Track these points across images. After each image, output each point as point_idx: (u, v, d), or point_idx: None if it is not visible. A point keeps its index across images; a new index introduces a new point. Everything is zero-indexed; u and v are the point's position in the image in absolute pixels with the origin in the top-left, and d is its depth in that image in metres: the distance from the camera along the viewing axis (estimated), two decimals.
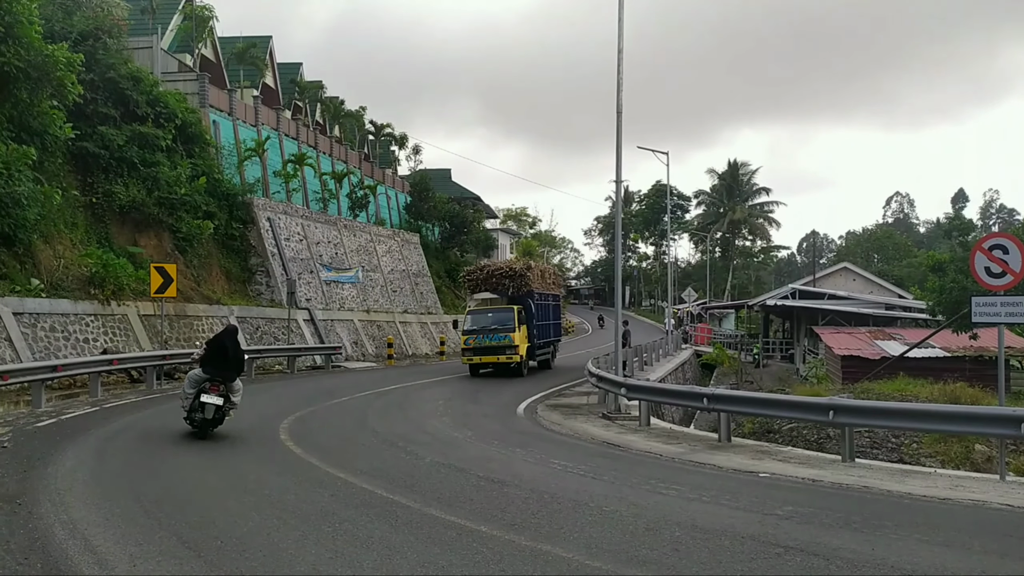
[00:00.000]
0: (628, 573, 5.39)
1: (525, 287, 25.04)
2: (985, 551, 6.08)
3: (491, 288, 25.74)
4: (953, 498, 8.15)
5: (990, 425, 9.68)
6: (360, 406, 16.45)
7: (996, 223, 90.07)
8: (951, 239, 33.59)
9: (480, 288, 26.29)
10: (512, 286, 25.13)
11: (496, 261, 33.54)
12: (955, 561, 5.76)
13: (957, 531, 6.72)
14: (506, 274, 25.42)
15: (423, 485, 8.61)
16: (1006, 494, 8.31)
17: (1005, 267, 10.31)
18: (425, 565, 5.53)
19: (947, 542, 6.35)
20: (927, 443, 13.99)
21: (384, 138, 55.22)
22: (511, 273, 25.37)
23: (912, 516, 7.32)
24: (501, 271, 25.71)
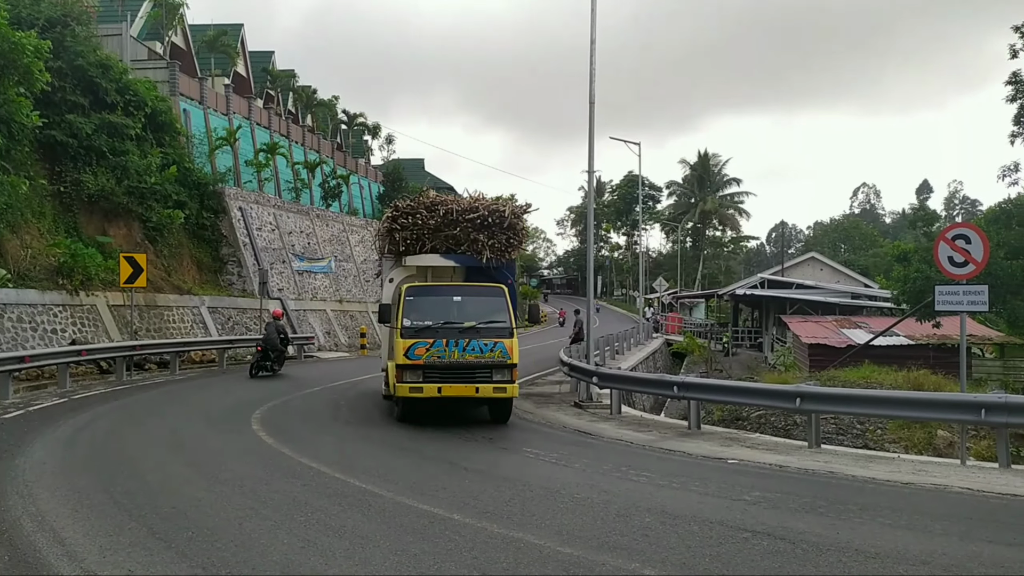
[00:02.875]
0: (599, 559, 5.46)
1: (512, 248, 13.70)
2: (946, 533, 6.26)
3: (446, 246, 13.46)
4: (916, 482, 8.37)
5: (952, 411, 9.95)
6: (333, 396, 16.38)
7: (959, 214, 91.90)
8: (916, 229, 34.32)
9: (422, 243, 13.58)
10: (490, 245, 13.31)
11: (457, 197, 15.83)
12: (917, 544, 5.92)
13: (919, 514, 6.91)
14: (482, 220, 13.39)
15: (396, 474, 8.63)
16: (967, 478, 8.55)
17: (967, 256, 10.55)
18: (397, 553, 5.55)
19: (909, 525, 6.53)
20: (891, 429, 14.31)
21: (357, 127, 55.03)
22: (492, 219, 13.44)
23: (876, 500, 7.51)
24: (473, 215, 13.44)
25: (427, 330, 11.61)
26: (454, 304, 12.31)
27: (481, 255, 13.25)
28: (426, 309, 11.99)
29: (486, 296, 12.47)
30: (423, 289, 12.57)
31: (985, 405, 9.16)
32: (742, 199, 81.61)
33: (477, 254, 13.26)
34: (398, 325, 11.74)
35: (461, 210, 13.38)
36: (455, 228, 13.25)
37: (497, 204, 13.96)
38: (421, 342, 11.50)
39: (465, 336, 11.61)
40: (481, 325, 11.76)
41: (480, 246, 13.26)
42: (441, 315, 11.97)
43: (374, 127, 56.41)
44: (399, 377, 11.55)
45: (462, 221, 13.33)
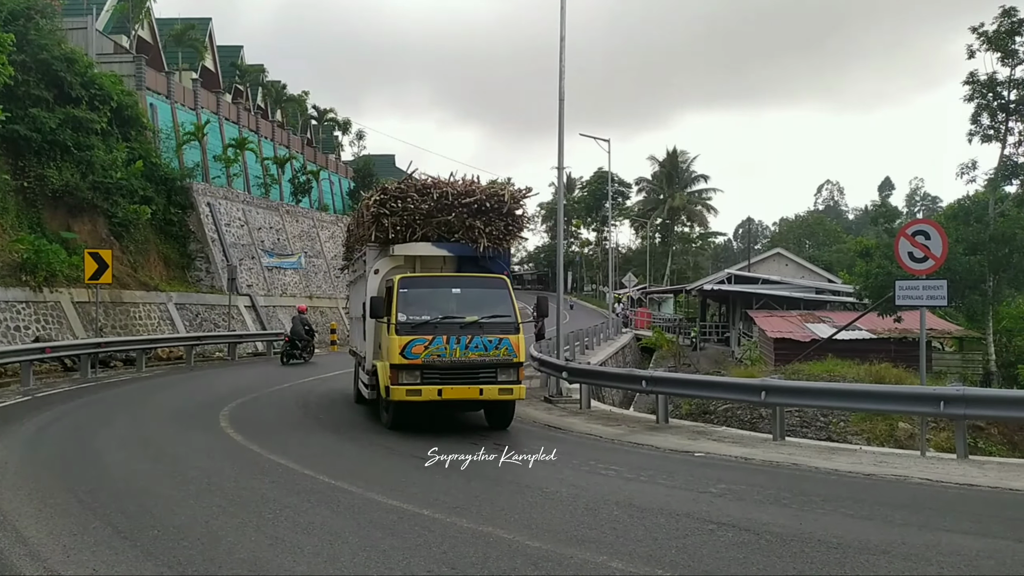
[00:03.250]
0: (567, 552, 5.51)
1: (510, 236, 12.36)
2: (906, 523, 6.42)
3: (438, 233, 11.92)
4: (877, 474, 8.57)
5: (912, 404, 10.21)
6: (302, 392, 16.27)
7: (920, 210, 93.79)
8: (877, 226, 34.96)
9: (412, 230, 11.92)
10: (487, 232, 11.92)
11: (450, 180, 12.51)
12: (878, 533, 6.07)
13: (880, 505, 7.08)
14: (479, 206, 11.92)
15: (366, 470, 8.63)
16: (926, 469, 8.77)
17: (927, 252, 10.80)
18: (367, 549, 5.55)
19: (871, 515, 6.69)
20: (854, 421, 14.61)
21: (327, 123, 54.80)
22: (490, 204, 11.98)
23: (838, 491, 7.67)
24: (469, 199, 11.94)
25: (425, 326, 10.48)
26: (453, 297, 11.13)
27: (477, 243, 11.80)
28: (422, 303, 10.83)
29: (487, 288, 11.32)
30: (418, 280, 11.26)
31: (944, 397, 9.39)
32: (710, 195, 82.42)
33: (472, 242, 11.82)
34: (392, 320, 10.48)
35: (456, 194, 11.89)
36: (449, 214, 11.77)
37: (495, 188, 12.41)
38: (418, 339, 10.35)
39: (467, 332, 10.47)
40: (484, 320, 10.65)
41: (476, 234, 11.80)
42: (439, 309, 10.79)
43: (344, 123, 56.34)
44: (394, 379, 10.32)
45: (457, 206, 11.82)
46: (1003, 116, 24.10)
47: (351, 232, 15.15)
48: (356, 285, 14.39)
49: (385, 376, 10.71)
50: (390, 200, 11.93)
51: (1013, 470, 8.76)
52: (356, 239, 14.06)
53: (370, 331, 11.72)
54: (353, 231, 14.72)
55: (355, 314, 15.01)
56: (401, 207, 11.81)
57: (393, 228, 11.83)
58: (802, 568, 5.17)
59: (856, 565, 5.23)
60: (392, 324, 10.50)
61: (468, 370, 10.51)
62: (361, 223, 13.04)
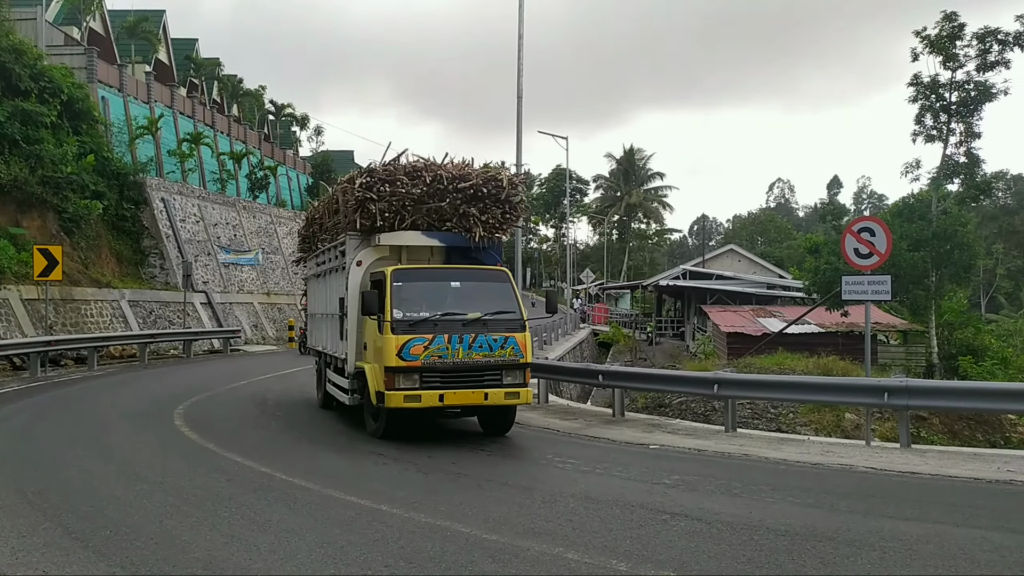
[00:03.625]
0: (524, 544, 5.59)
1: (506, 225, 11.41)
2: (851, 511, 6.65)
3: (428, 221, 10.87)
4: (824, 463, 8.84)
5: (858, 395, 10.53)
6: (260, 390, 16.09)
7: (867, 208, 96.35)
8: (826, 223, 35.82)
9: (400, 218, 10.79)
10: (483, 221, 10.93)
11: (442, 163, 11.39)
12: (824, 520, 6.28)
13: (827, 493, 7.32)
14: (475, 191, 10.90)
15: (323, 467, 8.60)
16: (871, 458, 9.08)
17: (872, 248, 11.14)
18: (324, 546, 5.55)
19: (817, 503, 6.91)
20: (803, 413, 15.01)
21: (285, 118, 54.31)
22: (487, 190, 10.98)
23: (787, 481, 7.91)
24: (465, 184, 10.89)
25: (423, 324, 9.51)
26: (452, 291, 10.20)
27: (471, 233, 10.78)
28: (418, 298, 9.88)
29: (489, 281, 10.46)
30: (413, 273, 10.26)
31: (888, 389, 9.73)
32: (665, 193, 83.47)
33: (466, 232, 10.80)
34: (387, 318, 9.47)
35: (451, 178, 10.81)
36: (442, 200, 10.71)
37: (492, 172, 11.34)
38: (417, 338, 9.37)
39: (470, 331, 9.56)
40: (488, 317, 9.76)
41: (471, 222, 10.78)
42: (438, 305, 9.85)
43: (302, 118, 55.93)
44: (389, 383, 9.35)
45: (451, 191, 10.76)
46: (945, 117, 24.89)
47: (314, 221, 14.11)
48: (324, 279, 12.83)
49: (377, 380, 9.60)
50: (378, 184, 10.72)
51: (952, 458, 9.11)
52: (326, 228, 12.86)
53: (352, 329, 10.52)
54: (318, 220, 13.58)
55: (318, 311, 13.56)
56: (390, 192, 10.66)
57: (381, 215, 10.62)
58: (751, 555, 5.33)
59: (803, 552, 5.41)
60: (386, 322, 9.45)
61: (472, 372, 9.57)
62: (337, 210, 11.94)
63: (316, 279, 13.81)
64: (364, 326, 10.23)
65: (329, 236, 12.57)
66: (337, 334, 11.49)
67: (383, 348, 9.47)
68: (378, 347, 9.62)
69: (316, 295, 13.94)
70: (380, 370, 9.53)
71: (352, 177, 11.49)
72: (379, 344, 9.58)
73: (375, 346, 9.76)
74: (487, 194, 10.93)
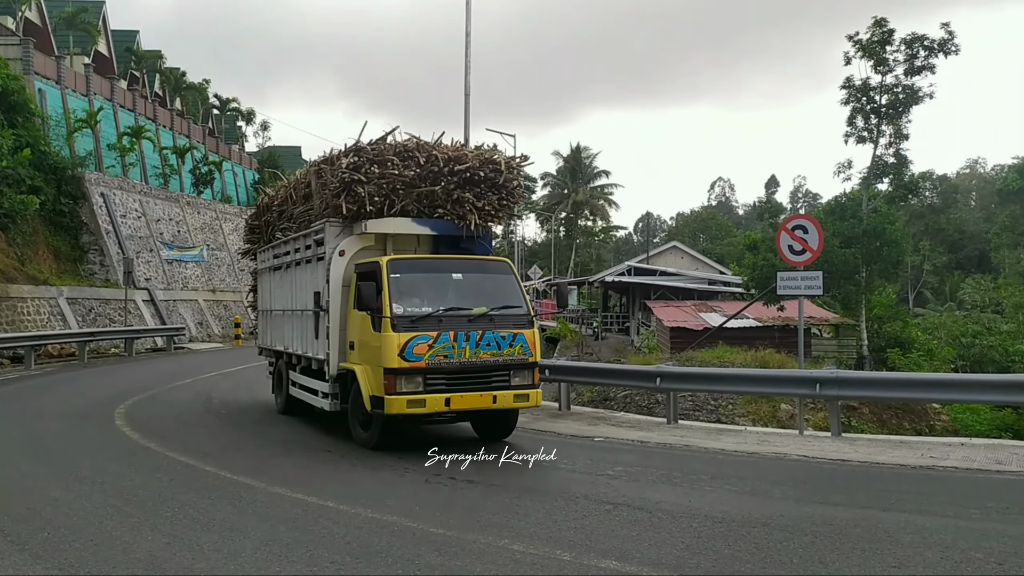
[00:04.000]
0: (470, 537, 5.67)
1: (502, 212, 10.52)
2: (784, 497, 6.94)
3: (418, 207, 10.01)
4: (760, 452, 9.17)
5: (791, 386, 10.96)
6: (204, 388, 15.81)
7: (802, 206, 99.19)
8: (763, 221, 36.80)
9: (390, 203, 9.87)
10: (478, 208, 10.11)
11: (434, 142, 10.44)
12: (758, 507, 6.54)
13: (762, 481, 7.61)
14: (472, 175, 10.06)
15: (269, 465, 8.52)
16: (804, 446, 9.45)
17: (805, 245, 11.56)
18: (269, 543, 5.54)
19: (753, 491, 7.19)
20: (741, 404, 15.43)
21: (230, 113, 53.26)
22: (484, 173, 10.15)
23: (724, 470, 8.19)
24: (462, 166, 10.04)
25: (427, 320, 8.68)
26: (454, 284, 9.37)
27: (466, 220, 9.90)
28: (418, 291, 9.09)
29: (491, 273, 9.72)
30: (411, 264, 9.37)
31: (819, 380, 10.15)
32: (612, 190, 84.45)
33: (459, 219, 9.92)
34: (387, 313, 8.59)
35: (447, 159, 9.95)
36: (436, 183, 9.84)
37: (489, 154, 10.47)
38: (421, 336, 8.53)
39: (476, 327, 8.80)
40: (495, 312, 9.03)
41: (466, 208, 9.91)
42: (438, 299, 9.05)
43: (248, 112, 55.02)
44: (390, 387, 8.46)
45: (447, 174, 9.88)
46: (876, 119, 25.83)
47: (269, 209, 12.96)
48: (287, 272, 11.69)
49: (372, 383, 8.73)
50: (367, 165, 9.70)
51: (880, 446, 9.55)
52: (291, 216, 11.78)
53: (334, 327, 9.60)
54: (277, 208, 12.53)
55: (278, 307, 12.37)
56: (379, 173, 9.69)
57: (370, 199, 9.59)
58: (689, 542, 5.53)
59: (738, 537, 5.63)
60: (386, 318, 8.57)
61: (479, 373, 8.80)
62: (308, 195, 10.97)
63: (273, 272, 12.60)
64: (350, 323, 9.42)
65: (296, 224, 11.49)
66: (310, 332, 10.47)
67: (381, 347, 8.56)
68: (373, 346, 8.74)
69: (275, 290, 12.59)
70: (376, 372, 8.64)
71: (332, 157, 10.33)
72: (375, 343, 8.70)
73: (368, 345, 8.88)
74: (483, 178, 10.05)
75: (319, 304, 9.89)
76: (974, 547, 5.28)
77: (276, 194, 12.93)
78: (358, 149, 9.99)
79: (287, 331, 11.83)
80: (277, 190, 13.07)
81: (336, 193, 9.74)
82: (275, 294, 12.60)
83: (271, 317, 12.99)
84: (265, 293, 13.44)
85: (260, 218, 13.61)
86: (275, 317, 12.69)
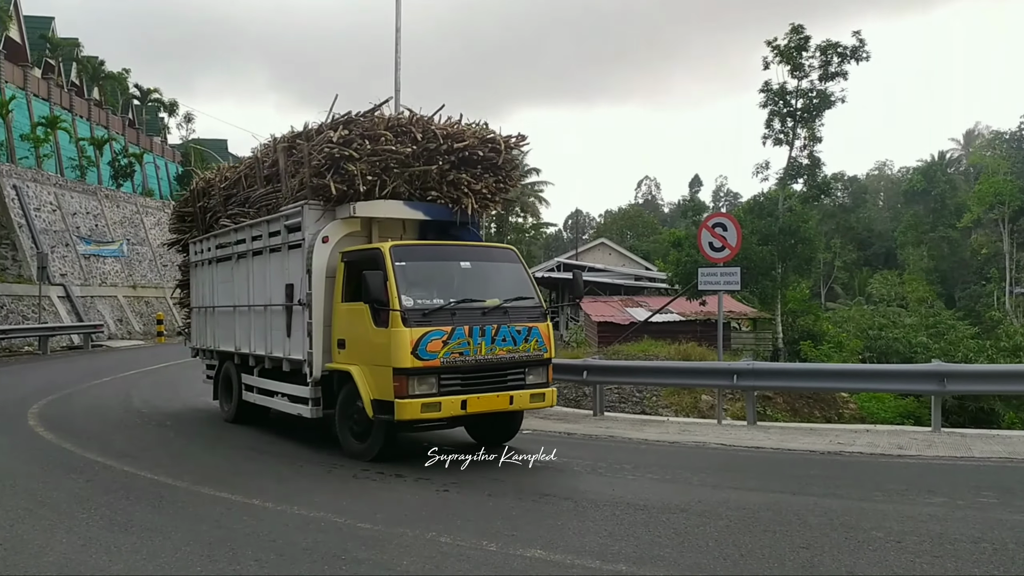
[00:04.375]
0: (397, 531, 5.70)
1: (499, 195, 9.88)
2: (703, 484, 7.22)
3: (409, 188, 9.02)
4: (680, 441, 9.50)
5: (711, 378, 11.40)
6: (124, 386, 15.28)
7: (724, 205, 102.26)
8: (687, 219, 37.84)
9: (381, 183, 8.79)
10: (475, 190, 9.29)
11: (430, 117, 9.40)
12: (678, 494, 6.78)
13: (682, 469, 7.89)
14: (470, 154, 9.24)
15: (192, 463, 8.34)
16: (722, 435, 9.83)
17: (724, 242, 11.99)
18: (191, 543, 5.44)
19: (673, 479, 7.45)
20: (665, 395, 15.87)
21: (152, 103, 51.37)
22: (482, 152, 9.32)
23: (647, 459, 8.45)
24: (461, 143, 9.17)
25: (439, 313, 7.81)
26: (461, 273, 8.46)
27: (461, 204, 9.02)
28: (427, 281, 8.20)
29: (498, 261, 8.95)
30: (416, 251, 8.46)
31: (737, 371, 10.58)
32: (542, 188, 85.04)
33: (453, 203, 9.03)
34: (395, 306, 7.65)
35: (445, 136, 9.01)
36: (432, 162, 8.89)
37: (487, 131, 9.52)
38: (435, 332, 7.66)
39: (490, 321, 8.01)
40: (508, 304, 8.27)
41: (462, 190, 9.04)
42: (446, 290, 8.18)
43: (171, 104, 53.23)
44: (401, 389, 7.54)
45: (444, 152, 8.96)
46: (791, 122, 26.90)
47: (208, 194, 11.78)
48: (242, 263, 10.55)
49: (376, 386, 7.80)
50: (358, 140, 8.69)
51: (792, 433, 10.02)
52: (246, 201, 10.53)
53: (317, 322, 8.56)
54: (224, 191, 11.21)
55: (226, 302, 11.12)
56: (370, 150, 8.67)
57: (363, 178, 8.53)
58: (612, 529, 5.71)
59: (658, 523, 5.84)
60: (395, 311, 7.62)
61: (495, 372, 8.04)
62: (273, 176, 9.90)
63: (217, 264, 11.37)
64: (336, 318, 8.48)
65: (254, 209, 10.28)
66: (277, 330, 9.45)
67: (389, 345, 7.60)
68: (376, 343, 7.80)
69: (220, 284, 11.35)
70: (380, 373, 7.72)
71: (309, 131, 9.26)
72: (378, 340, 7.76)
73: (368, 343, 7.93)
74: (482, 158, 9.20)
75: (293, 298, 8.94)
76: (876, 527, 5.63)
77: (218, 177, 11.72)
78: (349, 121, 8.94)
79: (240, 330, 10.63)
80: (220, 172, 11.88)
81: (318, 171, 8.72)
82: (220, 289, 11.37)
83: (214, 315, 11.63)
84: (203, 288, 12.08)
85: (194, 204, 12.22)
86: (220, 314, 11.37)
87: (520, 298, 8.41)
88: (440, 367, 7.66)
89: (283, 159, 9.57)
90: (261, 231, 9.93)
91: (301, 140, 9.27)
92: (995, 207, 49.52)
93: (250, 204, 10.44)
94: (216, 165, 13.06)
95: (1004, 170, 52.63)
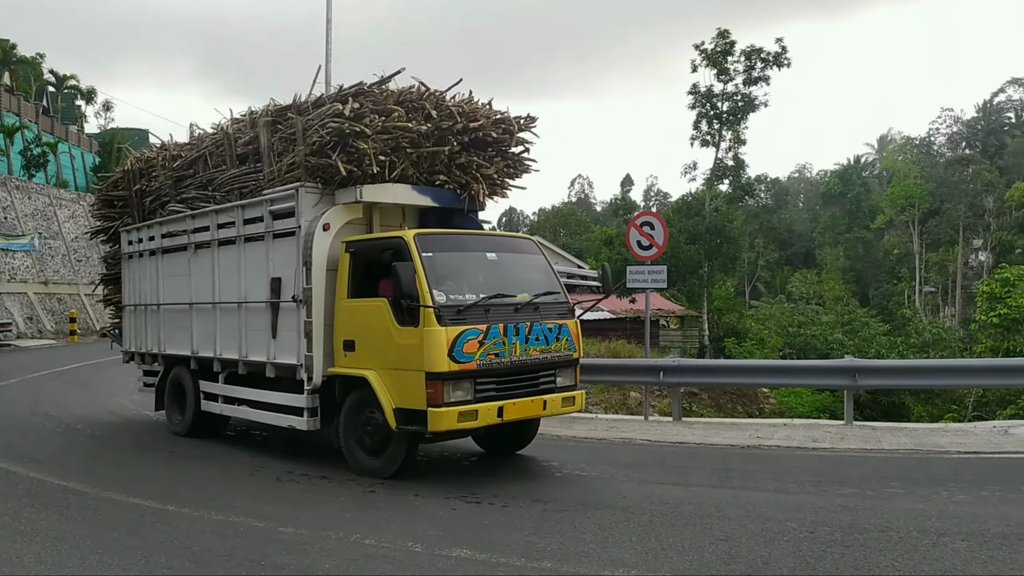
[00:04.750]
0: (320, 534, 5.59)
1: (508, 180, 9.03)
2: (628, 480, 7.34)
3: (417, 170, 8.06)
4: (608, 437, 9.64)
5: (638, 374, 11.60)
6: (32, 388, 14.55)
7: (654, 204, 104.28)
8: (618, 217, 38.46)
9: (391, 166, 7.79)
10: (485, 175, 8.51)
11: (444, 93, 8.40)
12: (603, 491, 6.88)
13: (608, 465, 7.99)
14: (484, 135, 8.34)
15: (104, 469, 7.99)
16: (648, 431, 10.02)
17: (652, 241, 12.20)
18: (100, 551, 5.22)
19: (600, 476, 7.54)
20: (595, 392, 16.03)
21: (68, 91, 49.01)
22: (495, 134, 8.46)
23: (575, 456, 8.52)
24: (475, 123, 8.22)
25: (474, 310, 6.97)
26: (487, 266, 7.71)
27: (470, 190, 8.30)
28: (455, 275, 7.38)
29: (521, 253, 8.17)
30: (441, 240, 7.50)
31: (663, 368, 10.80)
32: None
33: (461, 188, 8.29)
34: (427, 302, 6.76)
35: (462, 114, 8.13)
36: (443, 143, 8.02)
37: (497, 112, 8.63)
38: (470, 331, 6.83)
39: (523, 318, 7.26)
40: (538, 299, 7.57)
41: (471, 175, 8.29)
42: (472, 284, 7.39)
43: (88, 91, 51.01)
44: (436, 397, 6.67)
45: (458, 132, 8.06)
46: (718, 124, 27.67)
47: (150, 175, 10.44)
48: (204, 253, 9.35)
49: (401, 394, 6.93)
50: (370, 115, 7.69)
51: (715, 428, 10.29)
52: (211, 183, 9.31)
53: (318, 321, 7.62)
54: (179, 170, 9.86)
55: (180, 299, 9.79)
56: (382, 127, 7.68)
57: (375, 159, 7.58)
58: (536, 526, 5.73)
59: (582, 520, 5.90)
60: (428, 307, 6.74)
61: (529, 374, 7.31)
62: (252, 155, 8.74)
63: (163, 256, 10.11)
64: (339, 316, 7.57)
65: (223, 193, 9.10)
66: (259, 331, 8.42)
67: (422, 346, 6.73)
68: (403, 345, 6.92)
69: (169, 279, 10.08)
70: (406, 379, 6.88)
71: (302, 105, 8.23)
72: (405, 340, 6.89)
73: (391, 343, 7.02)
74: (494, 140, 8.42)
75: (282, 294, 8.04)
76: (790, 518, 5.82)
77: (160, 157, 10.29)
78: (360, 92, 7.88)
79: (200, 331, 9.41)
80: (165, 151, 10.41)
81: (319, 149, 7.73)
82: (168, 284, 10.07)
83: (158, 313, 10.26)
84: (142, 283, 10.67)
85: (128, 188, 10.76)
86: (169, 313, 10.04)
87: (548, 293, 7.74)
88: (476, 370, 6.87)
89: (266, 135, 8.42)
90: (233, 217, 8.75)
91: (292, 114, 8.21)
92: (906, 209, 52.09)
93: (216, 187, 9.21)
94: (140, 151, 11.33)
95: (914, 174, 55.38)
